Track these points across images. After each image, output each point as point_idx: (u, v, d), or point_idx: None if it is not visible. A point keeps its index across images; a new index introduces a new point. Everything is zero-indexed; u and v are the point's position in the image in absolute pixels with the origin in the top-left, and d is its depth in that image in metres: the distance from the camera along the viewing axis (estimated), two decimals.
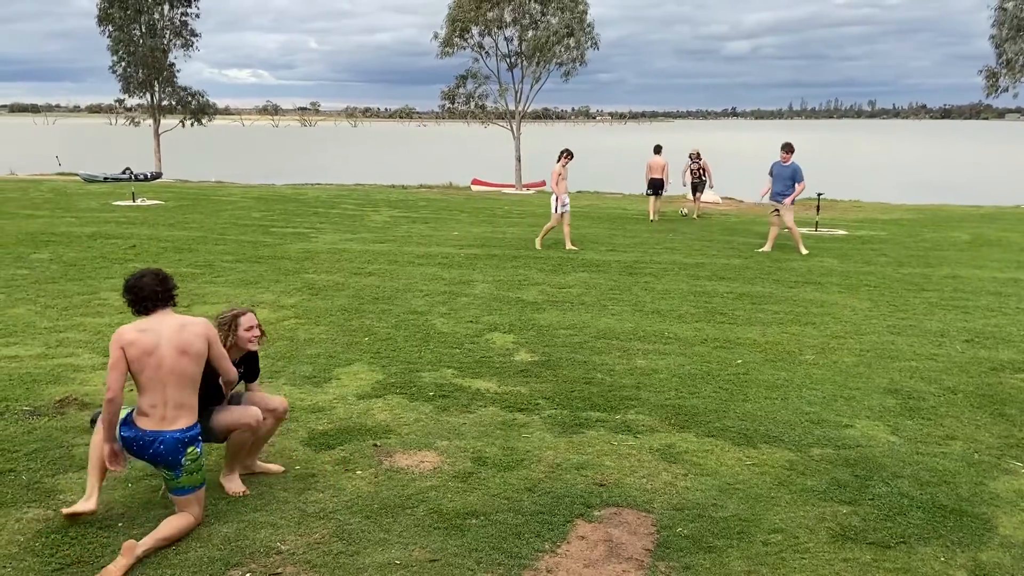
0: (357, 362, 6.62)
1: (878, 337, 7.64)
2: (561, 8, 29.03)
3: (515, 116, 30.91)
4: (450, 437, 5.09)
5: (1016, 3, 26.95)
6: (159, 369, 3.73)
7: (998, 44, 28.01)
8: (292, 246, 12.59)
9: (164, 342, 3.76)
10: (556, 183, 12.78)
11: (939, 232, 16.04)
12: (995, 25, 27.91)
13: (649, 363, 6.74)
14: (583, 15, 29.28)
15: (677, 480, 4.55)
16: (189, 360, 3.79)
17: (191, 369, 3.80)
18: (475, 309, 8.52)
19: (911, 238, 15.02)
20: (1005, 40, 27.76)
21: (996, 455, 4.93)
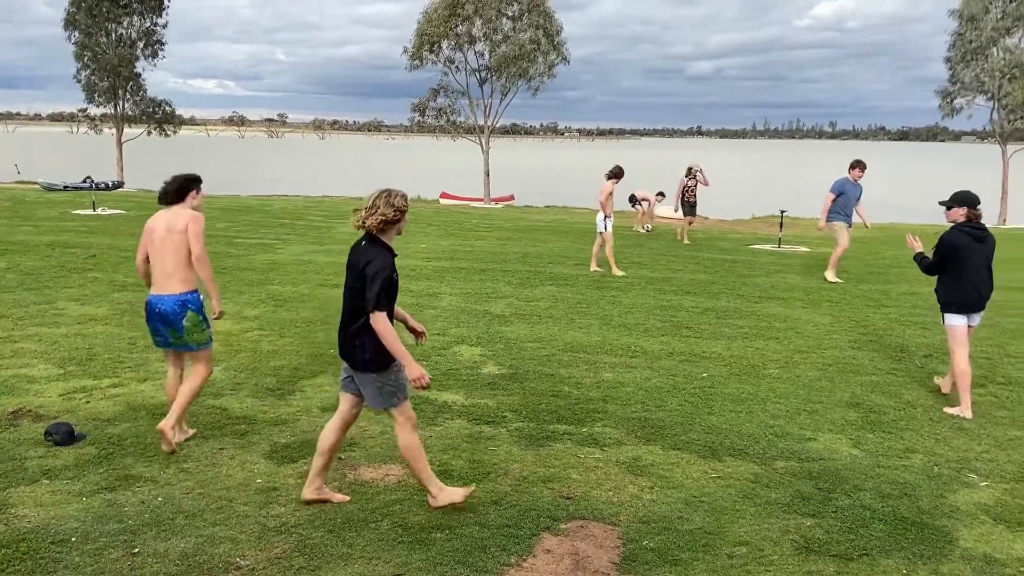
0: (322, 374, 6.54)
1: (840, 352, 7.75)
2: (534, 25, 29.22)
3: (484, 131, 30.98)
4: None
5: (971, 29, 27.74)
6: (153, 244, 4.86)
7: (953, 67, 28.80)
8: (257, 257, 12.44)
9: (161, 223, 4.87)
10: (606, 201, 12.02)
11: (898, 250, 16.34)
12: (951, 49, 28.71)
13: (616, 376, 6.75)
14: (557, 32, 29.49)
15: (643, 493, 4.54)
16: (176, 235, 4.81)
17: (177, 245, 4.79)
18: (442, 322, 8.48)
19: (871, 255, 15.30)
20: (960, 63, 28.56)
21: (955, 468, 5.01)
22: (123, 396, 5.88)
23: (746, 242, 17.47)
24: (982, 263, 6.19)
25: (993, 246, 6.28)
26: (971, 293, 6.17)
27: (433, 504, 4.21)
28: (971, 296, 6.18)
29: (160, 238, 4.83)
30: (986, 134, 31.71)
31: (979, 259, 6.18)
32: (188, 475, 4.59)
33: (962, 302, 6.19)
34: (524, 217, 22.77)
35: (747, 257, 14.61)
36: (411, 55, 29.66)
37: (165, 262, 4.84)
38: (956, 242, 6.21)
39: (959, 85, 28.76)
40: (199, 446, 5.00)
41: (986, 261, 6.23)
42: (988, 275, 6.25)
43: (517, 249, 14.48)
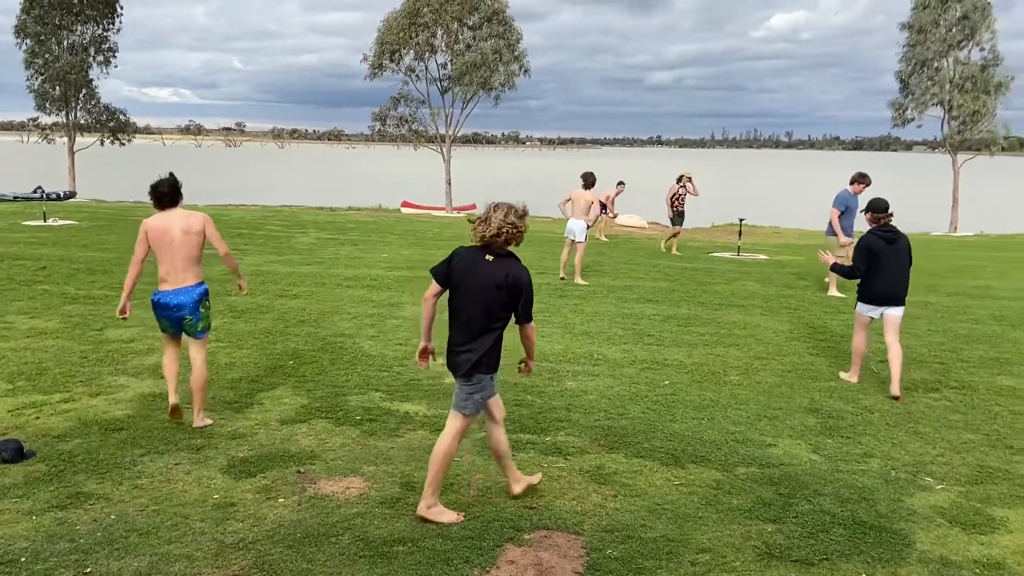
0: (281, 386, 6.43)
1: (799, 358, 7.85)
2: (494, 35, 29.27)
3: (446, 140, 30.93)
4: (377, 462, 4.97)
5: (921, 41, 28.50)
6: (171, 244, 5.27)
7: (904, 79, 29.54)
8: (213, 268, 12.20)
9: (176, 226, 5.29)
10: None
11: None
12: (902, 61, 29.45)
13: (579, 385, 6.75)
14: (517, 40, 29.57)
15: (607, 501, 4.54)
16: (194, 236, 5.32)
17: (195, 244, 5.33)
18: (404, 331, 8.41)
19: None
20: (910, 75, 29.30)
21: (912, 472, 5.09)
22: (74, 411, 5.71)
23: (706, 250, 17.66)
24: (897, 262, 6.83)
25: (907, 246, 6.92)
26: (884, 289, 6.84)
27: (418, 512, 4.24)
28: (885, 291, 6.84)
29: (177, 240, 5.29)
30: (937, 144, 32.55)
31: (893, 259, 6.83)
32: (142, 492, 4.47)
33: (874, 296, 6.90)
34: None
35: (707, 265, 14.77)
36: (371, 63, 29.50)
37: (180, 260, 5.31)
38: (870, 245, 6.87)
39: (911, 96, 29.50)
40: (153, 461, 4.88)
41: (901, 260, 6.86)
42: (904, 273, 6.89)
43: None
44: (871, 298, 6.93)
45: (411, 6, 28.59)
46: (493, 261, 4.20)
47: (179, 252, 5.31)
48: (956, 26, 28.15)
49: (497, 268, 4.18)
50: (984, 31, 27.84)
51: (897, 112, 30.17)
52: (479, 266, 4.20)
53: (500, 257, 4.22)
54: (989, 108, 27.92)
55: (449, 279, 4.32)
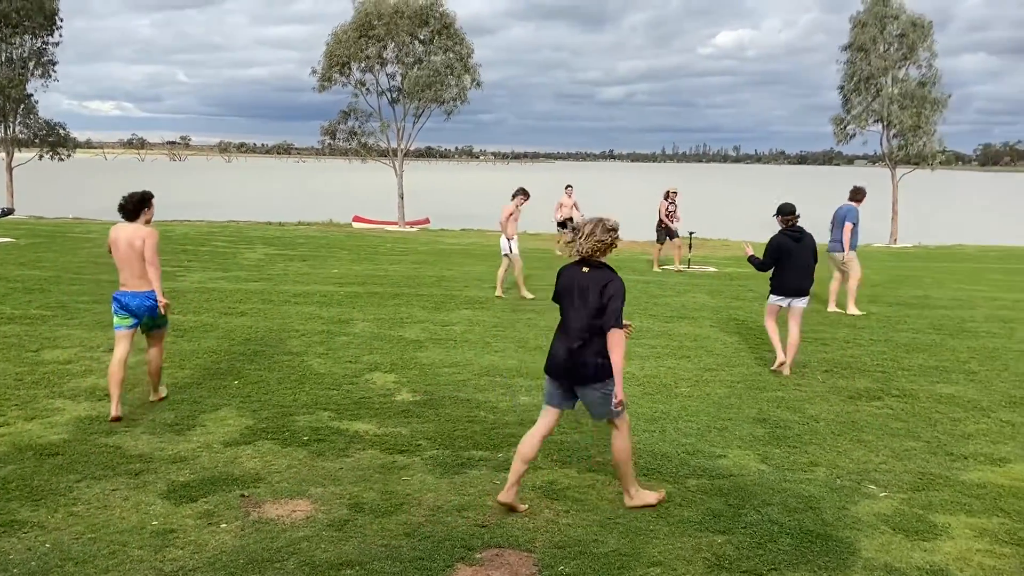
0: (225, 407, 6.27)
1: (747, 369, 7.95)
2: (444, 48, 29.32)
3: (397, 153, 30.80)
4: (325, 483, 4.87)
5: (861, 59, 29.37)
6: (120, 253, 5.93)
7: (846, 96, 30.41)
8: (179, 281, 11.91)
9: (123, 238, 5.91)
10: (507, 222, 11.70)
11: None
12: (844, 78, 30.30)
13: (532, 400, 6.72)
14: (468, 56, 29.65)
15: (559, 517, 4.51)
16: (137, 249, 5.87)
17: (138, 256, 5.87)
18: (354, 348, 8.30)
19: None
20: (851, 92, 30.17)
21: (856, 480, 5.17)
22: (8, 436, 5.49)
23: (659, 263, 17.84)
24: (803, 259, 7.76)
25: (812, 245, 7.82)
26: (792, 283, 7.81)
27: (628, 504, 4.63)
28: (791, 285, 7.81)
29: (125, 251, 5.92)
30: (877, 158, 33.55)
31: (799, 256, 7.75)
32: (78, 519, 4.30)
33: (783, 289, 7.87)
34: (439, 240, 22.69)
35: (658, 278, 14.93)
36: (320, 76, 29.28)
37: (133, 268, 5.94)
38: (780, 243, 7.79)
39: (852, 113, 30.36)
40: (90, 487, 4.70)
41: (806, 257, 7.77)
42: (809, 269, 7.82)
43: (432, 273, 14.39)
44: (780, 290, 7.88)
45: (362, 19, 28.48)
46: (589, 272, 4.54)
47: (128, 261, 5.92)
48: (895, 44, 29.10)
49: (592, 278, 4.51)
50: (922, 49, 28.82)
51: (839, 128, 31.02)
52: (578, 278, 4.55)
53: (594, 268, 4.55)
54: (928, 124, 28.86)
55: (558, 296, 4.66)
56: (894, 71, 29.34)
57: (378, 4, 28.66)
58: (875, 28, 29.00)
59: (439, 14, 29.07)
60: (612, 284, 4.46)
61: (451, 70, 29.10)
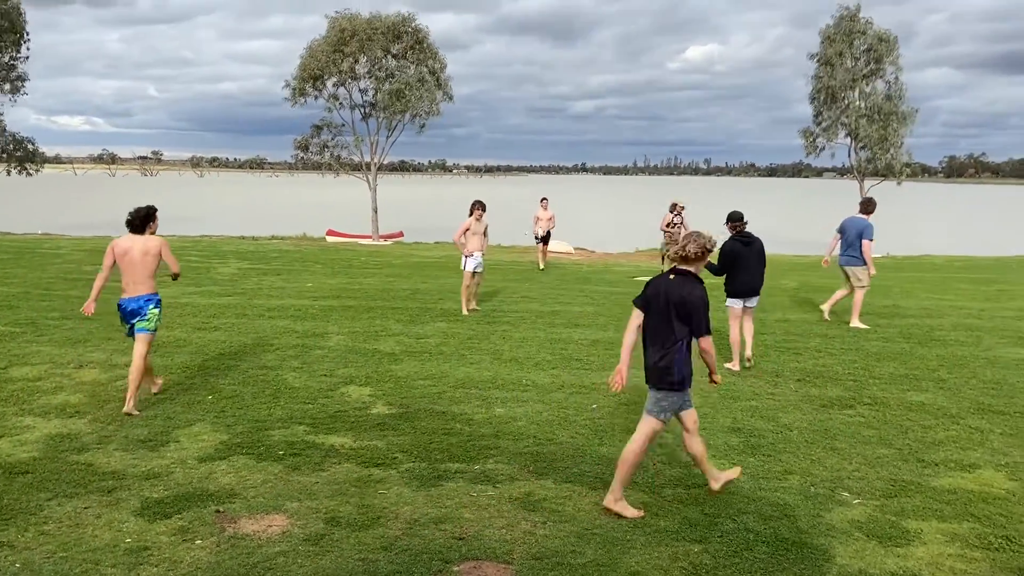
0: (199, 422, 6.21)
1: (721, 379, 8.01)
2: (416, 62, 29.38)
3: (371, 167, 30.73)
4: (301, 498, 4.83)
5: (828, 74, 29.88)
6: (131, 261, 6.47)
7: (816, 110, 30.91)
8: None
9: (137, 248, 6.49)
10: (460, 237, 11.44)
11: (770, 280, 17.11)
12: (812, 92, 30.80)
13: (508, 411, 6.74)
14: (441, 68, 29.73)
15: (536, 528, 4.52)
16: (151, 257, 6.49)
17: (151, 263, 6.49)
18: (329, 362, 8.25)
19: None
20: (821, 106, 30.68)
21: (830, 488, 5.24)
22: None
23: (630, 274, 17.98)
24: (752, 262, 8.45)
25: (760, 248, 8.53)
26: (745, 284, 8.47)
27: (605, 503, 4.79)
28: (745, 286, 8.48)
29: (136, 259, 6.48)
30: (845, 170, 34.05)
31: (749, 259, 8.43)
32: (49, 538, 4.23)
33: (737, 291, 8.51)
34: (414, 253, 22.65)
35: (632, 289, 15.01)
36: (293, 89, 29.18)
37: (136, 275, 6.48)
38: (732, 249, 8.44)
39: (821, 126, 30.86)
40: (61, 506, 4.63)
41: (755, 260, 8.48)
42: (759, 271, 8.55)
43: (407, 286, 14.36)
44: (735, 292, 8.52)
45: (336, 35, 28.46)
46: (674, 279, 4.78)
47: (136, 268, 6.48)
48: (862, 58, 29.66)
49: (676, 286, 4.74)
50: (888, 64, 29.40)
51: (808, 141, 31.49)
52: (664, 286, 4.80)
53: (680, 275, 4.77)
54: (895, 137, 29.40)
55: (647, 304, 4.86)
56: (861, 85, 29.88)
57: (352, 19, 28.69)
58: (843, 43, 29.55)
59: (412, 28, 29.15)
60: (693, 293, 4.67)
61: (423, 84, 29.15)
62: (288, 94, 29.24)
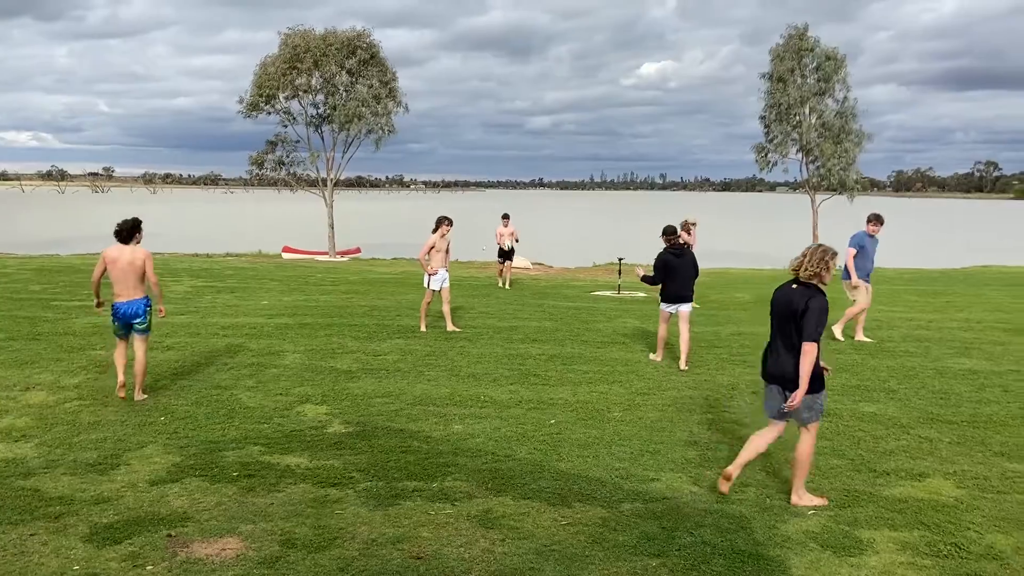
0: (151, 444, 6.06)
1: (678, 392, 8.10)
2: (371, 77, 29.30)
3: (327, 183, 30.51)
4: (256, 520, 4.74)
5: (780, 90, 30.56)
6: (120, 270, 7.14)
7: (767, 125, 31.55)
8: (78, 321, 11.50)
9: (125, 257, 7.16)
10: (426, 254, 11.19)
11: (725, 293, 17.49)
12: (764, 109, 31.44)
13: (466, 428, 6.71)
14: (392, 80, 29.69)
15: (495, 546, 4.50)
16: (137, 266, 7.14)
17: (138, 272, 7.14)
18: (285, 381, 8.14)
19: (699, 299, 16.22)
20: (773, 122, 31.33)
21: (785, 499, 5.31)
22: None
23: (588, 289, 18.09)
24: (683, 272, 9.26)
25: (692, 260, 9.34)
26: (675, 292, 9.32)
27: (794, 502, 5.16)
28: (674, 294, 9.33)
29: (124, 267, 7.15)
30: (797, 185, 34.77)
31: (681, 270, 9.25)
32: None
33: (668, 298, 9.39)
34: (371, 270, 22.50)
35: (589, 304, 15.12)
36: (247, 104, 28.88)
37: (128, 282, 7.17)
38: (665, 260, 9.30)
39: (774, 141, 31.51)
40: (6, 533, 4.47)
41: (687, 270, 9.27)
42: (689, 281, 9.33)
43: (364, 303, 14.25)
44: (668, 299, 9.38)
45: (289, 52, 28.27)
46: (796, 288, 5.10)
47: (126, 276, 7.13)
48: (811, 76, 30.41)
49: (797, 295, 5.06)
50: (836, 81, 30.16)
51: (761, 156, 32.12)
52: (786, 295, 5.14)
53: (802, 285, 5.10)
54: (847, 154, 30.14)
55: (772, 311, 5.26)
56: (812, 102, 30.60)
57: (305, 35, 28.54)
58: (792, 60, 30.27)
59: (366, 44, 29.10)
60: (813, 301, 4.97)
61: (378, 99, 29.09)
62: (243, 109, 28.95)
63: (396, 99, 29.80)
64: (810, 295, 5.00)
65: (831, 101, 30.50)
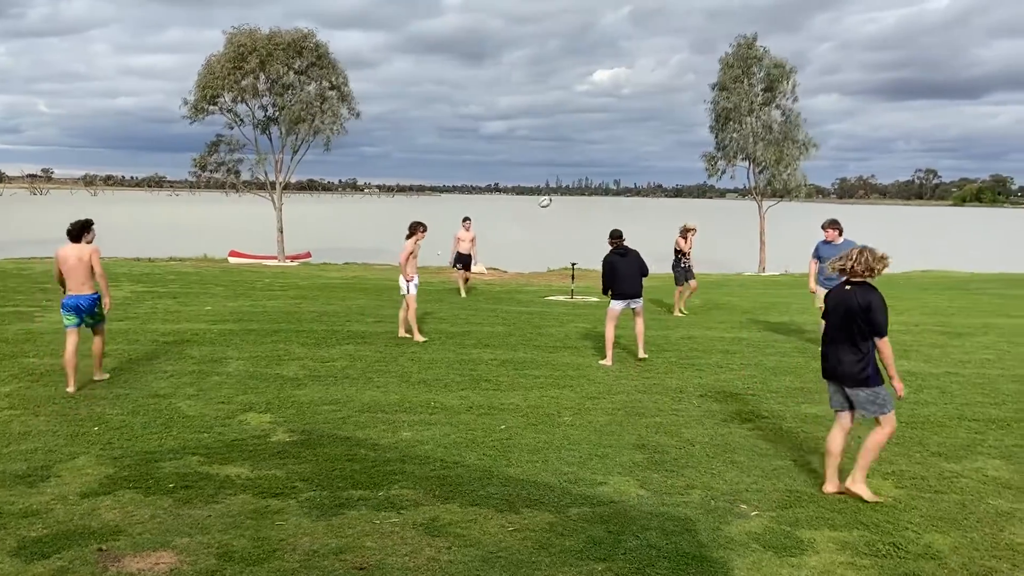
0: (83, 455, 5.85)
1: (627, 396, 8.13)
2: (320, 78, 28.96)
3: (276, 186, 30.03)
4: (192, 532, 4.60)
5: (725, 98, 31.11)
6: (69, 266, 7.68)
7: (716, 132, 32.08)
8: (10, 327, 11.09)
9: (73, 255, 7.69)
10: (406, 262, 10.96)
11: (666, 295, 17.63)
12: (712, 116, 31.98)
13: (415, 435, 6.63)
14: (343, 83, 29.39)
15: (440, 555, 4.43)
16: (84, 263, 7.66)
17: (86, 267, 7.68)
18: (228, 388, 7.95)
19: (650, 303, 16.37)
20: (720, 130, 31.87)
21: (729, 501, 5.35)
22: None
23: (541, 294, 18.11)
24: (630, 270, 9.70)
25: (636, 259, 9.77)
26: (624, 290, 9.71)
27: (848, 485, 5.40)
28: (624, 291, 9.71)
29: (74, 264, 7.68)
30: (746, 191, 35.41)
31: (626, 268, 9.69)
32: None
33: (618, 295, 9.74)
34: (321, 275, 22.20)
35: (542, 308, 15.12)
36: (191, 107, 28.25)
37: (79, 277, 7.70)
38: (610, 261, 9.80)
39: (722, 149, 32.06)
40: None
41: (632, 268, 9.70)
42: (636, 278, 9.74)
43: (313, 308, 14.03)
44: (618, 296, 9.74)
45: (234, 51, 27.75)
46: (851, 289, 5.35)
47: (75, 272, 7.68)
48: (759, 85, 31.03)
49: (852, 295, 5.32)
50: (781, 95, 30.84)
51: (710, 164, 32.65)
52: (842, 296, 5.40)
53: (856, 285, 5.34)
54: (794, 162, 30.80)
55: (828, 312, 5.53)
56: (759, 111, 31.22)
57: (251, 35, 28.06)
58: (739, 68, 30.86)
59: (313, 44, 28.75)
60: (873, 299, 5.24)
61: (326, 101, 28.76)
62: (187, 111, 28.31)
63: (347, 101, 29.50)
64: (867, 293, 5.26)
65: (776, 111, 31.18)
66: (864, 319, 5.25)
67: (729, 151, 31.90)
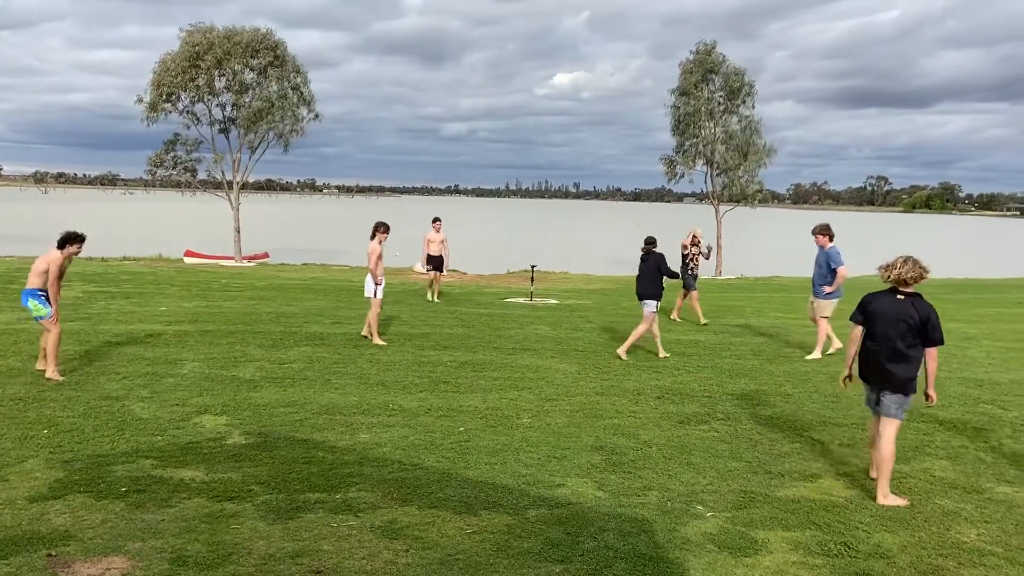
0: (32, 459, 5.71)
1: (586, 398, 8.19)
2: (278, 77, 28.61)
3: (233, 186, 29.58)
4: (145, 537, 4.51)
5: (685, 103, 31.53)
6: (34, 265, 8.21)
7: (676, 137, 32.47)
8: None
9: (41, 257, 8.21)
10: (375, 264, 10.84)
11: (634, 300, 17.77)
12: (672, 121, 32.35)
13: (372, 437, 6.59)
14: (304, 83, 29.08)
15: (398, 557, 4.42)
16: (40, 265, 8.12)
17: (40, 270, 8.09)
18: (182, 391, 7.82)
19: (612, 306, 16.51)
20: (679, 135, 32.27)
21: (685, 502, 5.43)
22: None
23: (501, 296, 18.13)
24: (643, 274, 10.52)
25: (652, 262, 10.45)
26: (637, 291, 10.58)
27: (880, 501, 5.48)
28: (637, 292, 10.56)
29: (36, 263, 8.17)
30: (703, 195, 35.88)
31: (642, 271, 10.54)
32: None
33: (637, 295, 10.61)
34: (279, 276, 21.94)
35: (502, 310, 15.14)
36: (148, 107, 27.64)
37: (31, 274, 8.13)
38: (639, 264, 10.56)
39: (681, 153, 32.46)
40: None
41: (648, 273, 10.46)
42: (648, 282, 10.39)
43: (270, 309, 13.86)
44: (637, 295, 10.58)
45: (190, 49, 27.23)
46: (903, 299, 5.47)
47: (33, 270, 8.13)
48: (718, 91, 31.50)
49: (908, 305, 5.44)
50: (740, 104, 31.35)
51: (668, 167, 33.03)
52: (894, 306, 5.49)
53: (908, 296, 5.48)
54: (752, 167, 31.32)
55: (866, 319, 5.63)
56: (718, 116, 31.69)
57: (207, 33, 27.58)
58: (698, 74, 31.29)
59: (271, 44, 28.37)
60: (929, 310, 5.40)
61: (285, 100, 28.41)
62: (144, 112, 27.67)
63: (307, 102, 29.17)
64: (924, 306, 5.42)
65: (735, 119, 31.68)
66: (923, 329, 5.38)
67: (689, 154, 32.31)
